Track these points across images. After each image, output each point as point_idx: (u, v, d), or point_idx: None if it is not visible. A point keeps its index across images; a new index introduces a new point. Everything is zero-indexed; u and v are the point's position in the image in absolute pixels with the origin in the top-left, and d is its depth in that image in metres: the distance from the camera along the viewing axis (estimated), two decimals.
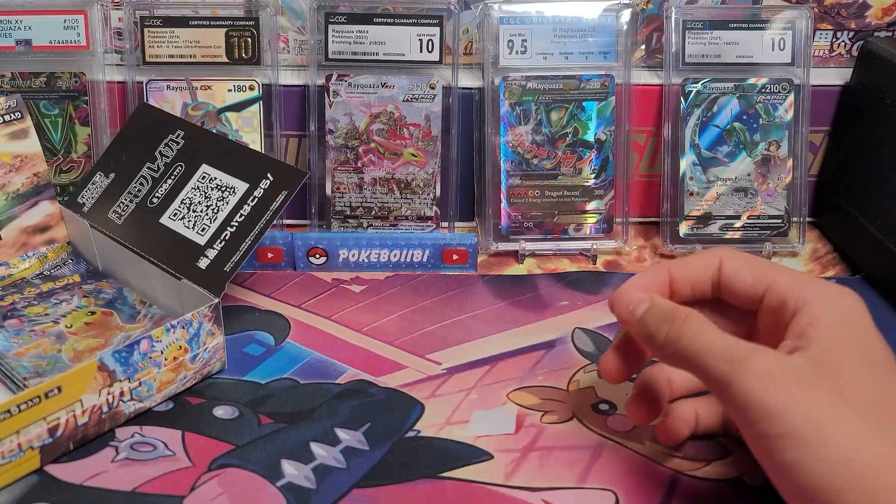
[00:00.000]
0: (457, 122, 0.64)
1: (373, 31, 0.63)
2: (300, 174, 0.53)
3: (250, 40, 0.64)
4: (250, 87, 0.64)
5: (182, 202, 0.55)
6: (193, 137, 0.57)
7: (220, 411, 0.48)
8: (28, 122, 0.59)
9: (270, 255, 0.62)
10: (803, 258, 0.67)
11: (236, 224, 0.52)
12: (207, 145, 0.56)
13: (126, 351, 0.45)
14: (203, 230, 0.53)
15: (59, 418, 0.43)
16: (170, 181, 0.56)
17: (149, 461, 0.45)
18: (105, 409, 0.45)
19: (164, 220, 0.55)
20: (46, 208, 0.60)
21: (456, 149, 0.65)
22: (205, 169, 0.55)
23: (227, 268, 0.51)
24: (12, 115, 0.58)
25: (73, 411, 0.44)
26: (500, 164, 0.65)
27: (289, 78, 0.66)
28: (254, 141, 0.65)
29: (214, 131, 0.64)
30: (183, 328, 0.48)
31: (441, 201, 0.65)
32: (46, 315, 0.54)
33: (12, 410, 0.41)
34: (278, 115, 0.65)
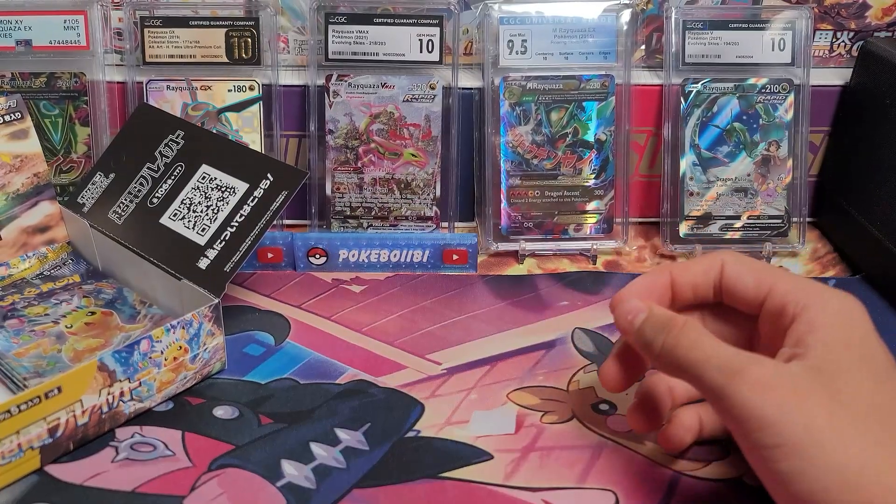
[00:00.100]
0: (457, 123, 0.64)
1: (373, 32, 0.63)
2: (300, 174, 0.53)
3: (250, 40, 0.64)
4: (250, 88, 0.64)
5: (182, 202, 0.55)
6: (193, 137, 0.57)
7: (220, 411, 0.48)
8: (28, 123, 0.59)
9: (270, 255, 0.62)
10: (803, 258, 0.67)
11: (236, 224, 0.52)
12: (207, 145, 0.56)
13: (126, 351, 0.45)
14: (203, 230, 0.53)
15: (59, 418, 0.43)
16: (170, 181, 0.56)
17: (149, 461, 0.45)
18: (105, 409, 0.45)
19: (164, 220, 0.55)
20: (46, 208, 0.60)
21: (456, 149, 0.65)
22: (205, 169, 0.55)
23: (228, 268, 0.51)
24: (12, 115, 0.58)
25: (73, 411, 0.44)
26: (500, 165, 0.65)
27: (289, 78, 0.66)
28: (254, 141, 0.65)
29: (214, 131, 0.64)
30: (183, 328, 0.48)
31: (441, 201, 0.65)
32: (46, 315, 0.54)
33: (12, 410, 0.41)
34: (278, 116, 0.65)
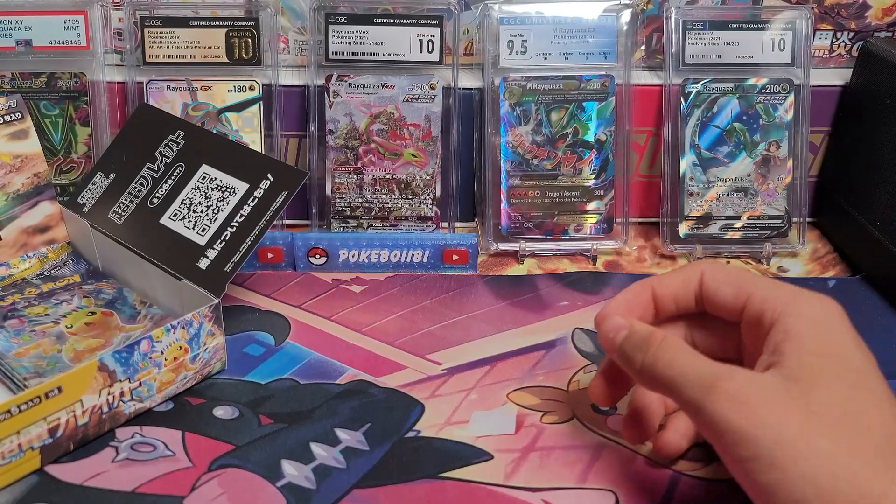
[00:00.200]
0: (457, 123, 0.64)
1: (373, 32, 0.63)
2: (300, 174, 0.53)
3: (250, 40, 0.64)
4: (250, 88, 0.64)
5: (182, 202, 0.55)
6: (193, 138, 0.57)
7: (221, 411, 0.48)
8: (28, 123, 0.59)
9: (270, 255, 0.62)
10: (803, 258, 0.67)
11: (236, 224, 0.52)
12: (207, 145, 0.56)
13: (126, 351, 0.45)
14: (203, 230, 0.53)
15: (59, 418, 0.43)
16: (170, 181, 0.56)
17: (149, 461, 0.45)
18: (105, 409, 0.45)
19: (165, 220, 0.55)
20: (46, 208, 0.60)
21: (456, 149, 0.65)
22: (205, 169, 0.55)
23: (228, 268, 0.51)
24: (12, 115, 0.58)
25: (74, 411, 0.44)
26: (500, 165, 0.65)
27: (289, 78, 0.66)
28: (254, 141, 0.65)
29: (214, 131, 0.64)
30: (183, 328, 0.48)
31: (441, 201, 0.65)
32: (47, 315, 0.54)
33: (12, 411, 0.41)
34: (278, 116, 0.65)
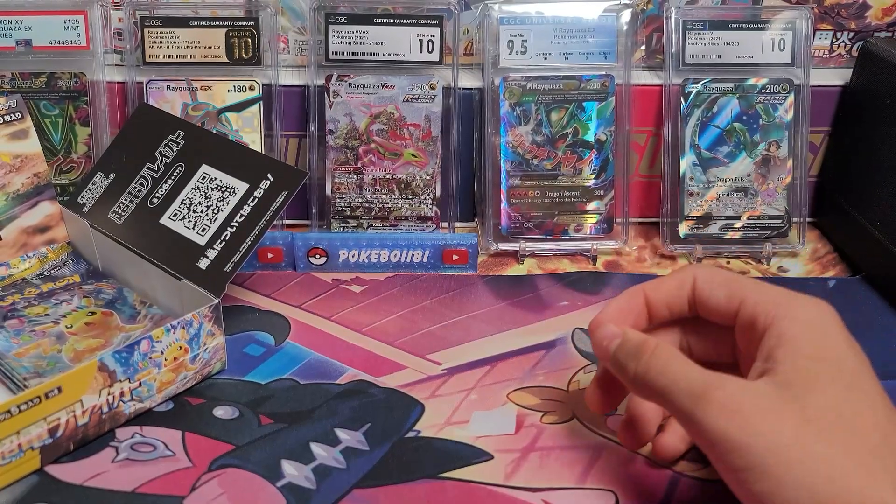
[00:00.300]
0: (457, 123, 0.64)
1: (373, 32, 0.63)
2: (300, 174, 0.53)
3: (250, 40, 0.64)
4: (250, 88, 0.64)
5: (182, 202, 0.55)
6: (193, 138, 0.57)
7: (221, 411, 0.48)
8: (28, 123, 0.59)
9: (270, 255, 0.62)
10: (803, 258, 0.67)
11: (236, 224, 0.52)
12: (207, 145, 0.56)
13: (126, 351, 0.45)
14: (203, 230, 0.53)
15: (59, 419, 0.43)
16: (170, 181, 0.56)
17: (149, 461, 0.45)
18: (105, 409, 0.45)
19: (165, 220, 0.55)
20: (46, 208, 0.60)
21: (456, 149, 0.65)
22: (205, 169, 0.55)
23: (228, 268, 0.51)
24: (12, 115, 0.58)
25: (74, 412, 0.44)
26: (500, 165, 0.65)
27: (289, 78, 0.66)
28: (254, 141, 0.65)
29: (214, 131, 0.64)
30: (183, 328, 0.48)
31: (441, 201, 0.65)
32: (46, 315, 0.54)
33: (12, 411, 0.41)
34: (278, 116, 0.65)
